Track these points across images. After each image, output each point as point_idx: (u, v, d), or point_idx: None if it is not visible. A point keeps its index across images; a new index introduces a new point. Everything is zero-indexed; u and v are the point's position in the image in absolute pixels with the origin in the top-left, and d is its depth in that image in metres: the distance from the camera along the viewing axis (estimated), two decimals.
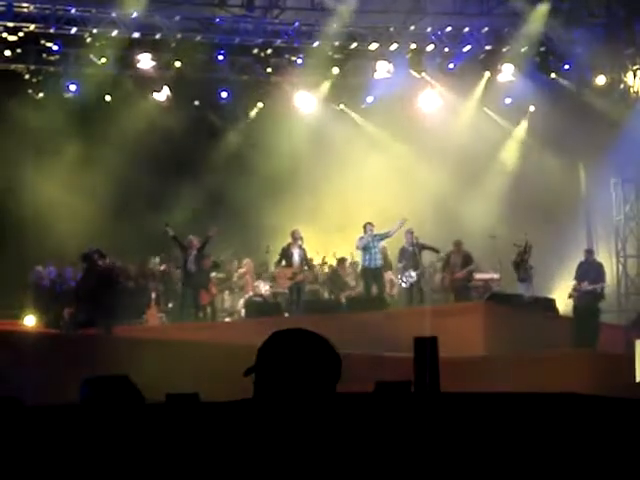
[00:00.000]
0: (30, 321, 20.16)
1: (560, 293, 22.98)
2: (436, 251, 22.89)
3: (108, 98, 23.87)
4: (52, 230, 21.18)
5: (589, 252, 22.36)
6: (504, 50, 24.83)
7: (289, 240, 22.31)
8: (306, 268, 22.48)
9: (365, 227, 21.91)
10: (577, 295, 21.25)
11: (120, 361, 13.82)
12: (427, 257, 23.31)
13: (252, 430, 3.16)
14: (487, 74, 25.30)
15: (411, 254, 22.30)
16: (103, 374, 9.74)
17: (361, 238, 21.87)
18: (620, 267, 26.65)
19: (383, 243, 22.29)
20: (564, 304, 22.05)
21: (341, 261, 24.07)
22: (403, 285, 22.56)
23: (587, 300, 21.06)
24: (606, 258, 25.92)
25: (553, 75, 25.40)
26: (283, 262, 22.33)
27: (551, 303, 21.76)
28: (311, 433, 3.14)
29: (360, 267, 22.72)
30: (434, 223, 23.28)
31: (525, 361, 15.69)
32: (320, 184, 24.12)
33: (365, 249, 21.87)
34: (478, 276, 23.44)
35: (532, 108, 26.53)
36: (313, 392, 3.15)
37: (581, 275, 21.40)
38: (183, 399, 9.30)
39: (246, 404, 3.21)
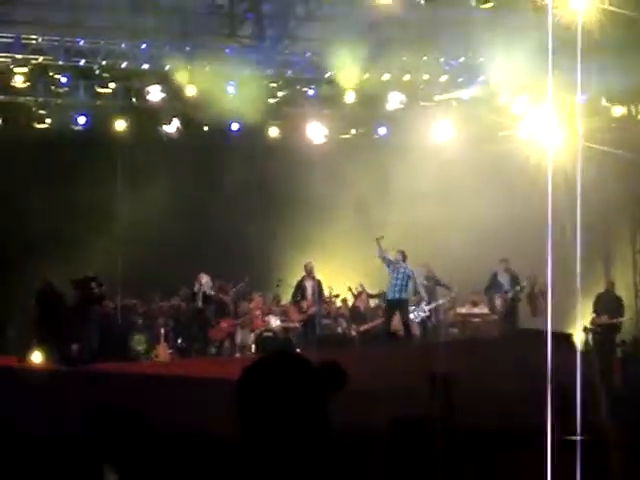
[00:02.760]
0: (37, 357, 19.81)
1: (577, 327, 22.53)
2: (448, 288, 22.57)
3: (118, 129, 23.58)
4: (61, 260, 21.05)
5: (610, 284, 22.06)
6: None
7: (303, 274, 22.10)
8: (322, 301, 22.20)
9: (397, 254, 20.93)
10: (594, 329, 20.88)
11: (127, 397, 13.53)
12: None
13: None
14: None
15: (425, 288, 21.93)
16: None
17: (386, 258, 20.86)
18: (637, 301, 26.17)
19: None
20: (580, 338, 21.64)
21: (359, 294, 23.67)
22: (415, 320, 22.15)
23: (603, 334, 20.68)
24: (623, 292, 25.48)
25: None
26: (298, 296, 22.09)
27: (568, 337, 21.32)
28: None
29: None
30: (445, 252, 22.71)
31: None
32: (332, 216, 23.85)
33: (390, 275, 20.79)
34: (477, 310, 23.23)
35: None
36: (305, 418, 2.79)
37: (600, 308, 21.07)
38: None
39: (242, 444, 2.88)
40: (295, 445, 2.81)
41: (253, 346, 22.26)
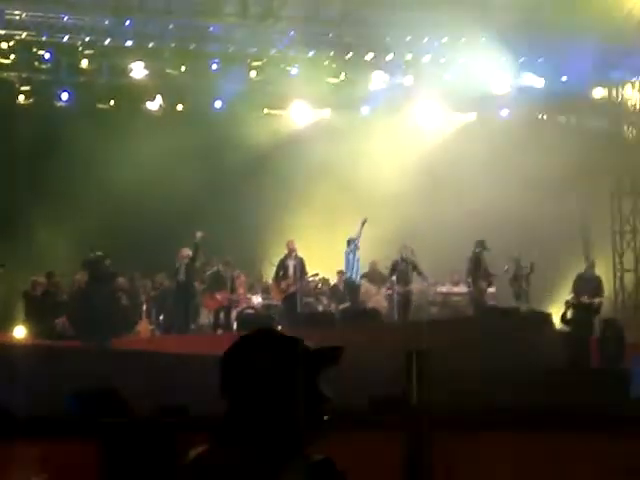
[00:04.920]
0: (20, 332, 19.88)
1: (557, 307, 22.67)
2: (423, 276, 22.53)
3: (101, 105, 23.53)
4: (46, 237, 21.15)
5: (590, 265, 22.11)
6: None
7: (285, 252, 22.20)
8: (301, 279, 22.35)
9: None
10: (572, 309, 20.96)
11: (110, 373, 13.63)
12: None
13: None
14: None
15: (403, 269, 22.01)
16: (93, 386, 9.47)
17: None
18: (617, 281, 26.37)
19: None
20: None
21: (341, 273, 23.79)
22: (394, 298, 22.22)
23: (582, 314, 20.78)
24: (603, 272, 25.68)
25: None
26: (280, 274, 22.21)
27: (548, 318, 21.46)
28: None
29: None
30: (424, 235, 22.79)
31: None
32: (313, 195, 23.88)
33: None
34: (457, 290, 23.59)
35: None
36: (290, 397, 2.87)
37: (580, 288, 21.10)
38: (173, 412, 9.05)
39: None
40: (278, 422, 2.88)
41: (235, 323, 22.36)
